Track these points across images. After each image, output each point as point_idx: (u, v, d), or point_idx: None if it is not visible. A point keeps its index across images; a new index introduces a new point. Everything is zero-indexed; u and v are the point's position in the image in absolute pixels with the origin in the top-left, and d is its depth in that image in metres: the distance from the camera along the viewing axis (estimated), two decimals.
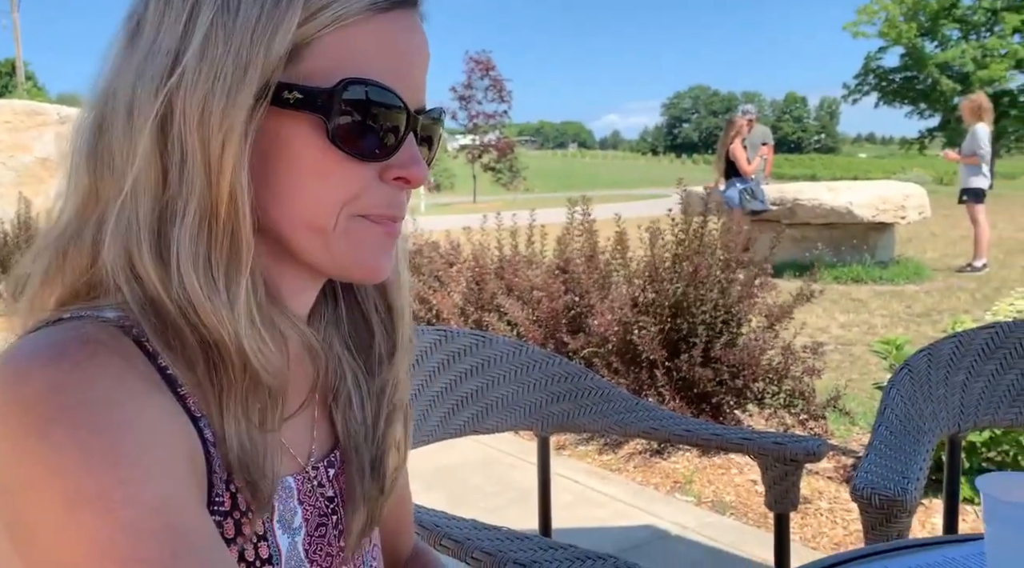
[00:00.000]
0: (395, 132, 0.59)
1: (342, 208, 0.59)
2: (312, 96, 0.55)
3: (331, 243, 0.59)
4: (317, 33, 0.55)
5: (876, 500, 1.24)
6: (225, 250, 0.55)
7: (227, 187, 0.54)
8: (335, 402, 0.70)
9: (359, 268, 0.61)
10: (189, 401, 0.55)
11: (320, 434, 0.69)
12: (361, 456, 0.70)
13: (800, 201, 8.51)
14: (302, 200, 0.58)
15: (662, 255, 3.54)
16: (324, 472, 0.68)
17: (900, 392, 1.58)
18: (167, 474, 0.49)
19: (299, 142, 0.57)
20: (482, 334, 1.76)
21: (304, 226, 0.59)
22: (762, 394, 3.40)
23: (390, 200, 0.61)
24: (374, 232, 0.60)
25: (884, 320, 6.22)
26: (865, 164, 50.28)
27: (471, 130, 32.83)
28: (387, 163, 0.60)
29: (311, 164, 0.57)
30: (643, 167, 69.83)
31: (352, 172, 0.58)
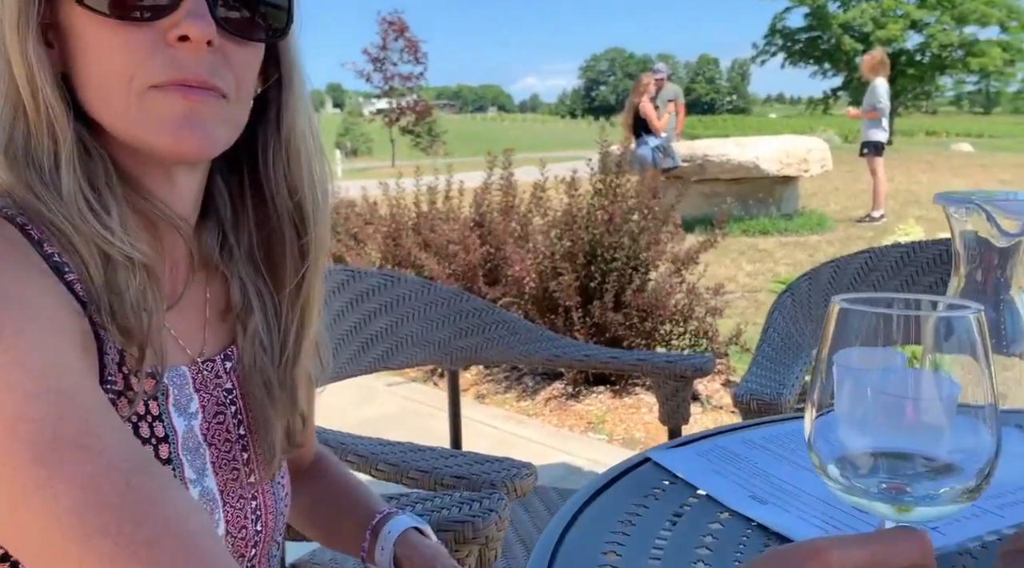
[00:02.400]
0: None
1: (130, 81, 0.58)
2: None
3: (131, 124, 0.60)
4: None
5: (754, 405, 1.34)
6: (45, 140, 0.58)
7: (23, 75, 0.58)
8: (240, 318, 0.72)
9: (164, 145, 0.60)
10: (76, 287, 0.57)
11: (213, 333, 0.72)
12: (267, 368, 0.73)
13: (709, 157, 8.76)
14: (94, 82, 0.60)
15: (579, 204, 3.63)
16: (221, 364, 0.71)
17: (782, 313, 1.70)
18: (51, 344, 0.52)
19: (77, 21, 0.59)
20: (391, 274, 1.79)
21: (105, 109, 0.60)
22: (669, 336, 3.54)
23: (176, 63, 0.58)
24: (168, 102, 0.59)
25: (788, 268, 6.52)
26: (776, 124, 51.85)
27: (387, 93, 32.23)
28: (165, 23, 0.58)
29: (91, 41, 0.59)
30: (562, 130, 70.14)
31: (126, 40, 0.58)
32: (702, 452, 0.83)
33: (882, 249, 1.87)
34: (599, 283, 3.50)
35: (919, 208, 9.86)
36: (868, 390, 0.48)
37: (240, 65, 0.63)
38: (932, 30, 31.50)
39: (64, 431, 0.49)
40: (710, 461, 0.81)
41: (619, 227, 3.48)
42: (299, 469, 0.91)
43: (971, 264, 0.72)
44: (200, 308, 0.72)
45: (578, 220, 3.53)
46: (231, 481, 0.70)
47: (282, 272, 0.73)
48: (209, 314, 0.72)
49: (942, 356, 0.46)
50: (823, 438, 0.49)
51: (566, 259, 3.54)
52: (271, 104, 0.70)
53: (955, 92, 41.79)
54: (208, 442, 0.68)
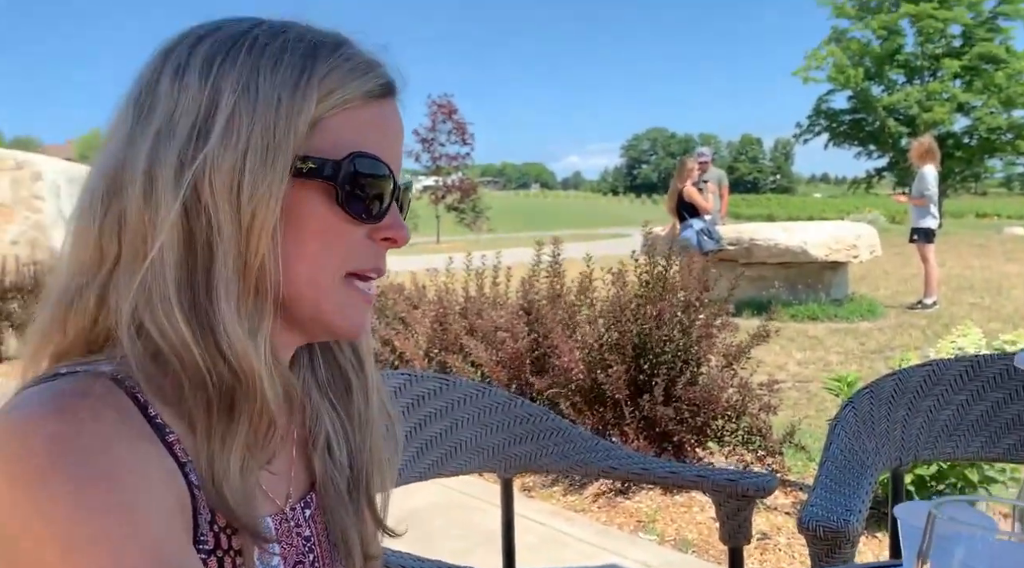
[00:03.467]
0: (383, 199, 0.68)
1: (341, 267, 0.66)
2: (325, 167, 0.64)
3: (323, 301, 0.66)
4: (327, 113, 0.64)
5: (821, 532, 1.30)
6: (251, 305, 0.62)
7: (259, 248, 0.61)
8: (314, 447, 0.75)
9: (344, 326, 0.69)
10: (176, 448, 0.60)
11: (297, 477, 0.74)
12: (340, 492, 0.75)
13: (756, 241, 8.74)
14: (306, 259, 0.65)
15: (627, 296, 3.63)
16: (301, 512, 0.73)
17: (844, 429, 1.66)
18: (157, 517, 0.54)
19: (309, 207, 0.64)
20: (446, 377, 1.81)
21: (303, 284, 0.65)
22: (721, 432, 3.48)
23: (377, 258, 0.69)
24: (361, 292, 0.68)
25: (839, 357, 6.39)
26: (820, 204, 51.65)
27: (434, 172, 33.07)
28: (377, 226, 0.68)
29: (318, 226, 0.65)
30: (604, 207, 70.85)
31: (350, 233, 0.66)
32: None
33: (945, 362, 1.84)
34: (649, 375, 3.47)
35: (972, 294, 9.65)
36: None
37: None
38: (979, 113, 31.39)
39: None
40: None
41: (668, 320, 3.47)
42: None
43: None
44: (288, 452, 0.74)
45: (626, 313, 3.53)
46: None
47: (351, 405, 0.77)
48: (294, 462, 0.74)
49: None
50: None
51: (614, 350, 3.53)
52: None
53: (1005, 174, 41.31)
54: None
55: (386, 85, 0.69)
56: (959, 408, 1.79)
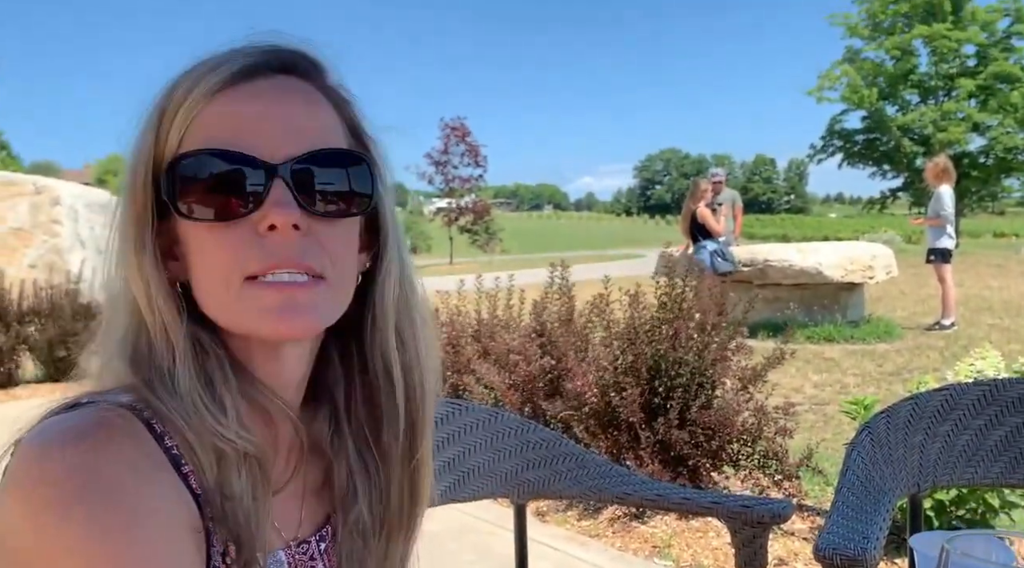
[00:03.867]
0: (253, 185, 0.62)
1: (229, 276, 0.62)
2: (159, 186, 0.64)
3: (232, 312, 0.63)
4: (180, 139, 0.63)
5: (837, 560, 1.28)
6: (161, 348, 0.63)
7: (140, 290, 0.63)
8: (341, 501, 0.73)
9: (263, 331, 0.63)
10: (191, 479, 0.60)
11: (311, 509, 0.73)
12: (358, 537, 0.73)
13: (771, 262, 8.70)
14: (202, 281, 0.64)
15: (643, 317, 3.61)
16: (316, 546, 0.72)
17: (861, 454, 1.64)
18: (175, 548, 0.55)
19: (187, 231, 0.64)
20: (458, 402, 1.80)
21: (213, 304, 0.64)
22: (737, 456, 3.44)
23: (271, 251, 0.62)
24: (263, 294, 0.62)
25: (856, 379, 6.33)
26: (835, 224, 51.41)
27: (447, 194, 33.25)
28: (256, 217, 0.62)
29: (195, 246, 0.64)
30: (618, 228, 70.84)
31: (226, 236, 0.62)
32: None
33: (962, 387, 1.81)
34: (663, 399, 3.45)
35: (991, 315, 9.55)
36: None
37: (333, 243, 0.65)
38: (995, 133, 31.21)
39: None
40: None
41: (684, 343, 3.45)
42: None
43: None
44: (299, 493, 0.73)
45: (641, 335, 3.52)
46: None
47: (386, 446, 0.73)
48: (306, 493, 0.74)
49: None
50: None
51: (629, 373, 3.51)
52: (374, 276, 0.72)
53: (1022, 193, 41.02)
54: None
55: (244, 69, 0.63)
56: (977, 433, 1.77)
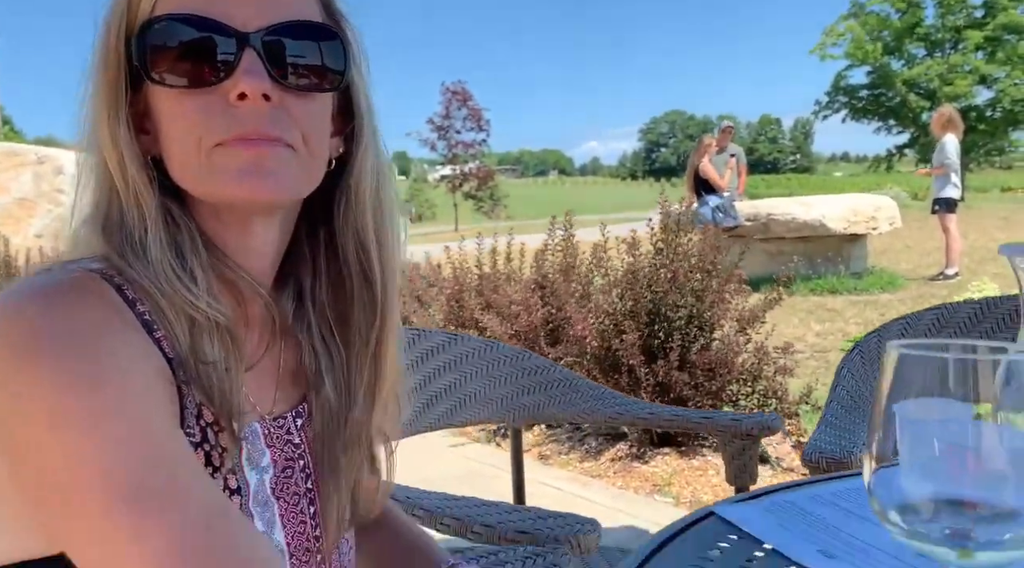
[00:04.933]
0: (224, 54, 0.62)
1: (199, 143, 0.63)
2: (130, 51, 0.64)
3: (204, 181, 0.64)
4: (152, 7, 0.63)
5: (823, 463, 1.31)
6: (135, 211, 0.64)
7: (113, 157, 0.64)
8: (311, 382, 0.75)
9: (230, 194, 0.64)
10: (164, 344, 0.61)
11: (286, 386, 0.75)
12: (337, 423, 0.74)
13: (774, 216, 8.67)
14: (172, 148, 0.65)
15: (641, 263, 3.63)
16: (292, 421, 0.74)
17: (851, 371, 1.67)
18: (144, 398, 0.56)
19: (158, 101, 0.65)
20: (454, 333, 1.83)
21: (183, 174, 0.65)
22: (737, 396, 3.47)
23: (237, 119, 0.62)
24: (232, 156, 0.62)
25: (858, 328, 6.34)
26: (841, 183, 50.98)
27: (450, 160, 33.10)
28: (227, 85, 0.62)
29: (165, 112, 0.64)
30: (623, 192, 70.52)
31: (196, 104, 0.63)
32: (769, 507, 0.82)
33: (954, 305, 1.83)
34: (663, 342, 3.48)
35: (995, 265, 9.51)
36: (933, 441, 0.48)
37: (304, 118, 0.66)
38: (1003, 85, 30.80)
39: (153, 479, 0.53)
40: (777, 516, 0.80)
41: (682, 285, 3.47)
42: (366, 520, 0.93)
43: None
44: (273, 371, 0.74)
45: (640, 279, 3.53)
46: (299, 535, 0.72)
47: (353, 331, 0.74)
48: (281, 376, 0.75)
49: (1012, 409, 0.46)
50: (884, 486, 0.49)
51: (628, 317, 3.53)
52: (347, 159, 0.73)
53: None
54: (276, 496, 0.71)
55: None
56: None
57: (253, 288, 0.69)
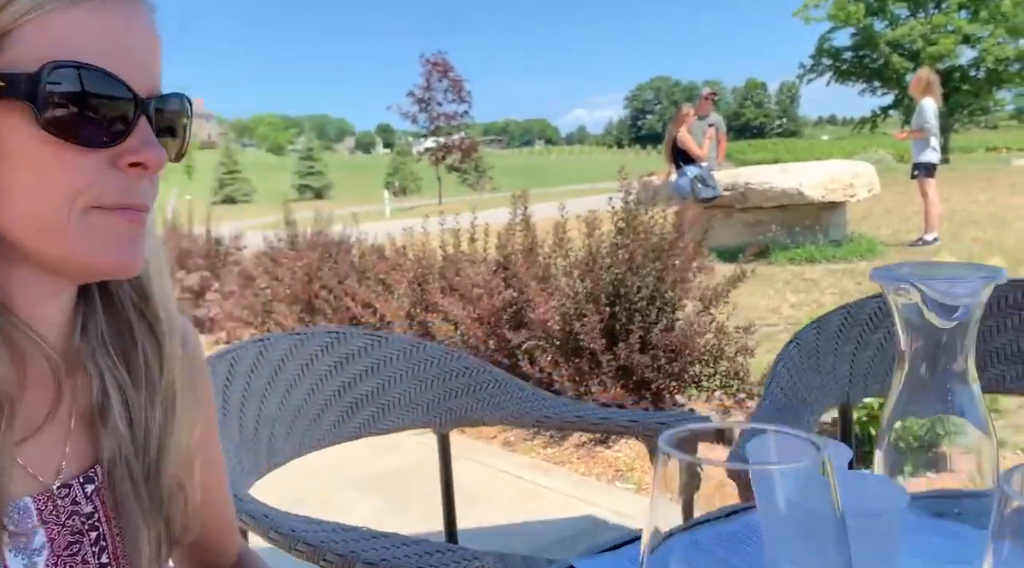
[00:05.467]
0: (122, 117, 0.58)
1: (73, 202, 0.56)
2: (15, 82, 0.54)
3: (68, 242, 0.57)
4: (16, 21, 0.54)
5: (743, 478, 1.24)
6: None
7: None
8: (101, 417, 0.67)
9: (105, 264, 0.60)
10: None
11: (75, 450, 0.66)
12: (133, 472, 0.67)
13: (751, 185, 8.59)
14: (24, 198, 0.56)
15: (599, 244, 3.55)
16: (79, 488, 0.66)
17: (787, 366, 1.59)
18: None
19: (11, 134, 0.55)
20: (378, 334, 1.74)
21: (33, 227, 0.57)
22: (699, 377, 3.42)
23: (128, 188, 0.59)
24: (114, 222, 0.59)
25: (834, 298, 6.29)
26: (828, 146, 50.83)
27: (433, 132, 32.73)
28: (118, 150, 0.58)
29: (28, 156, 0.55)
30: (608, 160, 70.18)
31: (76, 162, 0.56)
32: (634, 559, 0.74)
33: None
34: (624, 324, 3.41)
35: (976, 229, 9.49)
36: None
37: (156, 182, 0.63)
38: (986, 44, 30.56)
39: None
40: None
41: (641, 266, 3.39)
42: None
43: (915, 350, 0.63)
44: (64, 421, 0.66)
45: (598, 260, 3.45)
46: None
47: (136, 362, 0.68)
48: (74, 424, 0.67)
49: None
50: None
51: (589, 300, 3.46)
52: None
53: (1015, 106, 40.46)
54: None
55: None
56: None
57: (40, 349, 0.61)
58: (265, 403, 1.52)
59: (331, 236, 5.83)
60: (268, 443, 1.49)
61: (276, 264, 5.68)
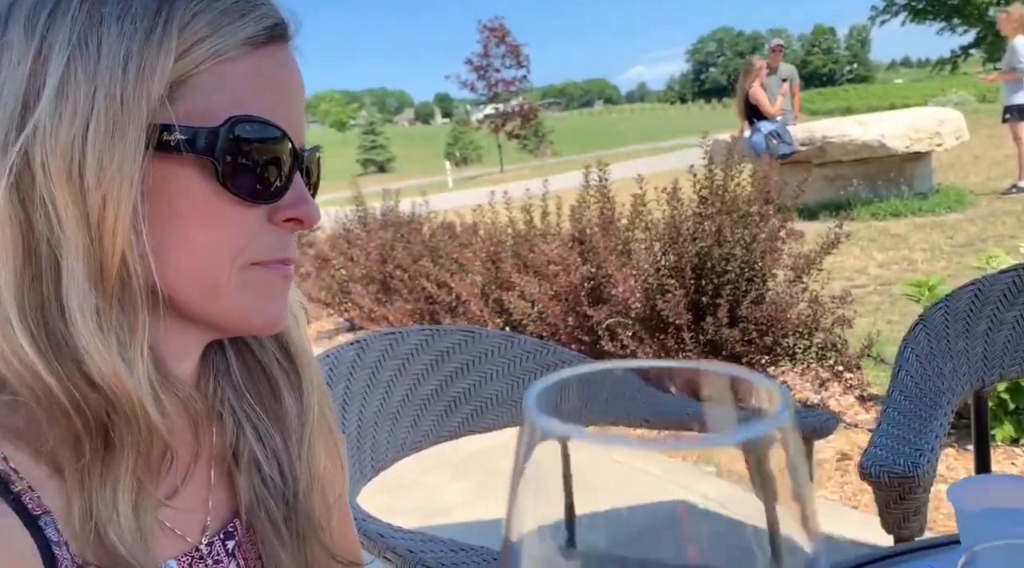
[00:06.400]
0: (284, 171, 0.56)
1: (235, 259, 0.55)
2: (197, 137, 0.51)
3: (226, 298, 0.55)
4: (195, 69, 0.51)
5: (886, 478, 1.15)
6: (116, 314, 0.50)
7: (116, 244, 0.49)
8: (237, 466, 0.65)
9: (259, 322, 0.58)
10: (24, 498, 0.49)
11: (217, 504, 0.64)
12: (272, 515, 0.65)
13: (830, 138, 8.21)
14: (191, 253, 0.53)
15: (683, 215, 3.41)
16: (221, 546, 0.63)
17: (915, 351, 1.47)
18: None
19: (183, 189, 0.52)
20: (472, 329, 1.70)
21: (196, 282, 0.54)
22: (793, 350, 3.28)
23: (283, 243, 0.58)
24: (271, 280, 0.57)
25: (925, 254, 5.99)
26: (902, 90, 48.45)
27: (491, 99, 32.53)
28: (277, 205, 0.57)
29: (200, 211, 0.53)
30: (672, 117, 68.56)
31: (242, 217, 0.55)
32: None
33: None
34: (711, 298, 3.28)
35: None
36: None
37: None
38: None
39: None
40: None
41: (729, 237, 3.25)
42: None
43: None
44: (204, 475, 0.63)
45: (683, 233, 3.33)
46: None
47: (272, 404, 0.66)
48: (215, 476, 0.64)
49: None
50: None
51: (672, 274, 3.34)
52: None
53: None
54: None
55: (274, 27, 0.55)
56: None
57: (185, 399, 0.58)
58: (366, 406, 1.49)
59: (401, 214, 5.83)
60: (371, 448, 1.46)
61: (350, 245, 5.71)
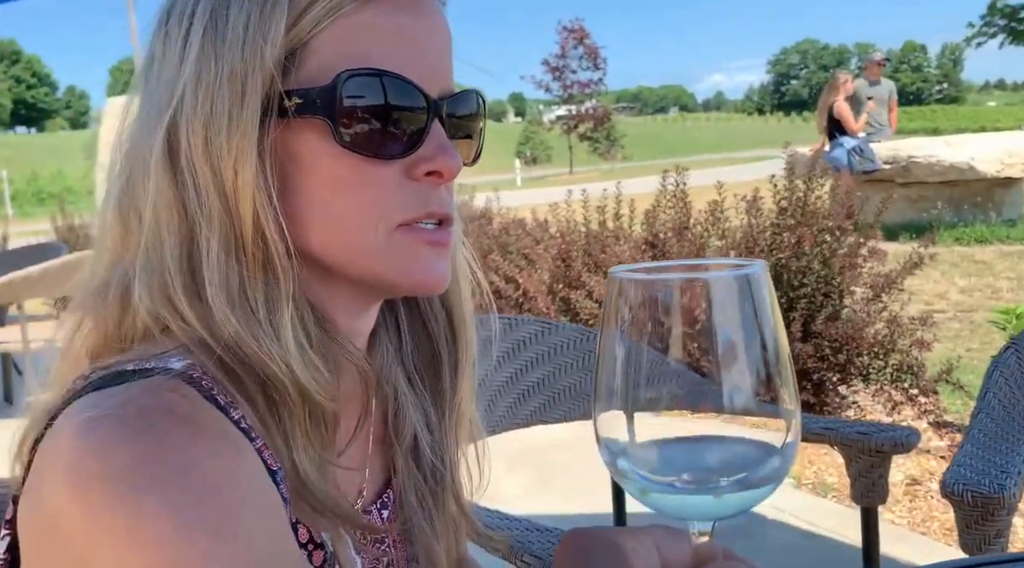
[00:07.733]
0: (415, 122, 0.54)
1: (378, 221, 0.54)
2: (311, 98, 0.52)
3: (375, 261, 0.55)
4: (312, 31, 0.52)
5: (969, 497, 1.13)
6: (260, 279, 0.53)
7: (248, 212, 0.52)
8: (396, 435, 0.65)
9: (411, 282, 0.57)
10: (265, 454, 0.51)
11: (374, 465, 0.65)
12: (421, 491, 0.66)
13: (915, 158, 7.98)
14: (329, 219, 0.54)
15: (761, 224, 3.38)
16: (377, 514, 0.64)
17: (1004, 374, 1.43)
18: (265, 530, 0.47)
19: (309, 152, 0.53)
20: (548, 321, 1.72)
21: (341, 247, 0.55)
22: (867, 369, 3.21)
23: (426, 199, 0.55)
24: (419, 242, 0.55)
25: (1010, 283, 5.77)
26: (994, 113, 46.51)
27: (566, 100, 32.51)
28: (412, 158, 0.55)
29: (329, 176, 0.54)
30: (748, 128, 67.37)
31: (374, 176, 0.54)
32: None
33: None
34: (785, 311, 3.24)
35: None
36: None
37: (452, 190, 0.60)
38: None
39: None
40: None
41: (808, 250, 3.20)
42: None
43: None
44: (364, 441, 0.64)
45: (760, 243, 3.28)
46: None
47: (434, 378, 0.67)
48: (372, 445, 0.65)
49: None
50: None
51: None
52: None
53: None
54: None
55: None
56: None
57: (358, 363, 0.59)
58: None
59: (473, 209, 5.90)
60: None
61: None
